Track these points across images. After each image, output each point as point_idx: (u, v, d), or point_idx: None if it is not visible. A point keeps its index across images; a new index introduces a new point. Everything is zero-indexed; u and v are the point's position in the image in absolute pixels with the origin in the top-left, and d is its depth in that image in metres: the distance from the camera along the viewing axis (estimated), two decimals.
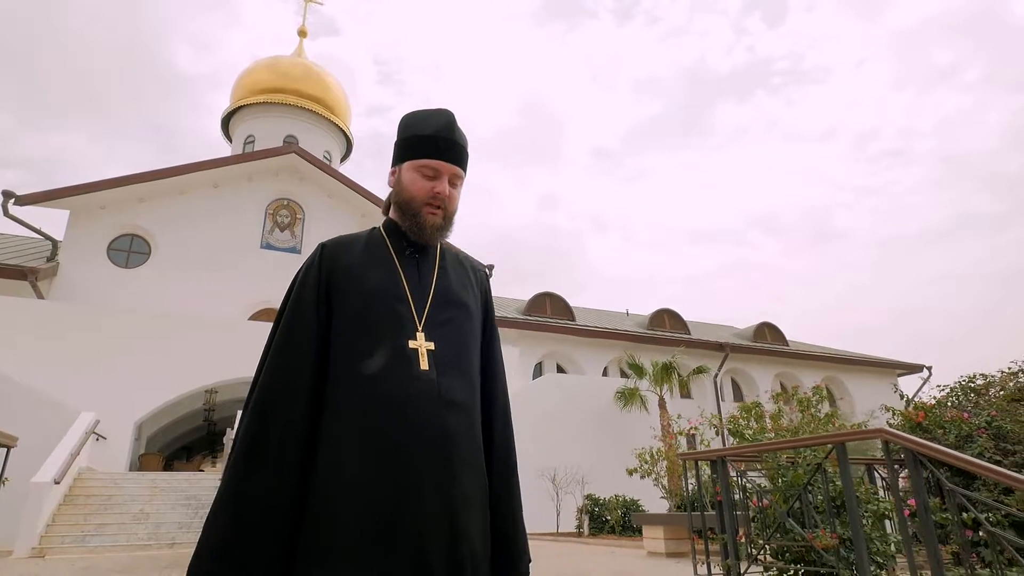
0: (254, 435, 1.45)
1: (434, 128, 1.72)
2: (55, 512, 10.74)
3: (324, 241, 1.74)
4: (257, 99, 24.71)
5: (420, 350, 1.54)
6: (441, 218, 1.70)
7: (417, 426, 1.45)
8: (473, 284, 1.83)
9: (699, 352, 23.45)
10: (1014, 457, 6.06)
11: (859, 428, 9.71)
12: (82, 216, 17.98)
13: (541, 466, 14.21)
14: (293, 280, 1.68)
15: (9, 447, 3.91)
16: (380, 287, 1.62)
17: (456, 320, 1.67)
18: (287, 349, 1.55)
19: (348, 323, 1.57)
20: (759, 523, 5.21)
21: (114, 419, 13.65)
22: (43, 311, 14.73)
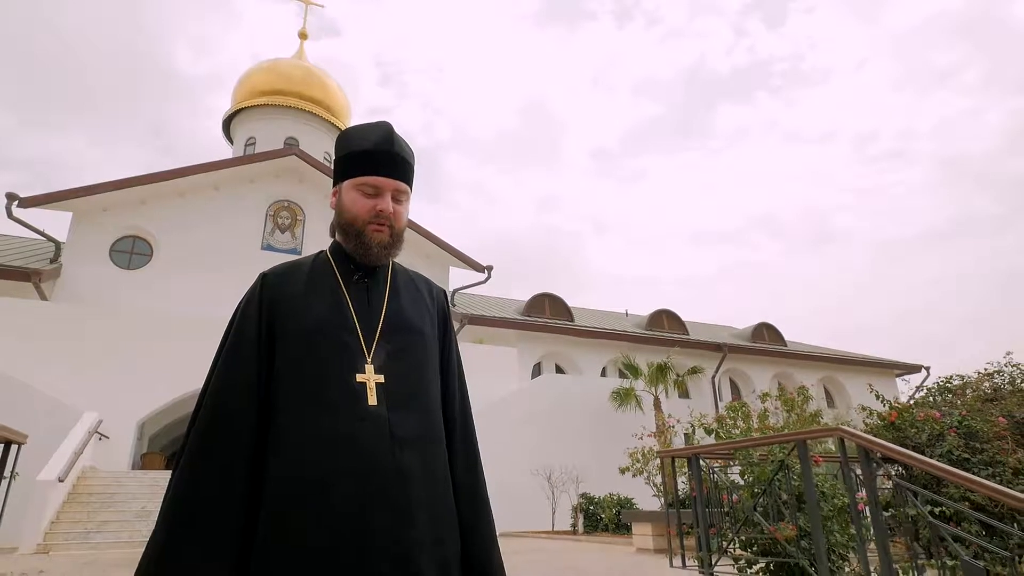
0: (188, 479, 1.40)
1: (372, 142, 1.62)
2: (59, 510, 11.05)
3: (265, 270, 1.67)
4: (258, 101, 25.03)
5: (368, 384, 1.46)
6: (388, 235, 1.61)
7: (366, 469, 1.37)
8: (428, 306, 1.74)
9: (697, 353, 23.74)
10: (982, 455, 6.32)
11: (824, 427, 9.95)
12: (85, 218, 18.27)
13: (537, 465, 14.50)
14: (234, 311, 1.62)
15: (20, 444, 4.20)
16: (325, 317, 1.54)
17: (409, 348, 1.59)
18: (225, 390, 1.47)
19: (291, 358, 1.49)
20: (730, 517, 5.50)
21: (117, 419, 13.98)
22: (46, 312, 15.06)
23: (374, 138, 1.63)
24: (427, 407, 1.55)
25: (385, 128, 1.66)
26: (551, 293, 24.57)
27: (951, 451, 6.36)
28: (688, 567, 5.52)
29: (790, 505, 4.81)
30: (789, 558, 4.70)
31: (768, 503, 5.09)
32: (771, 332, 27.12)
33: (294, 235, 20.87)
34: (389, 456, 1.40)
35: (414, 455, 1.44)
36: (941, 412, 6.95)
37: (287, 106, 24.98)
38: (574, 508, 14.05)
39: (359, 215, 1.59)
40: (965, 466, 6.27)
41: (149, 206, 19.12)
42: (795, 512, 4.78)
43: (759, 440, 5.31)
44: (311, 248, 20.57)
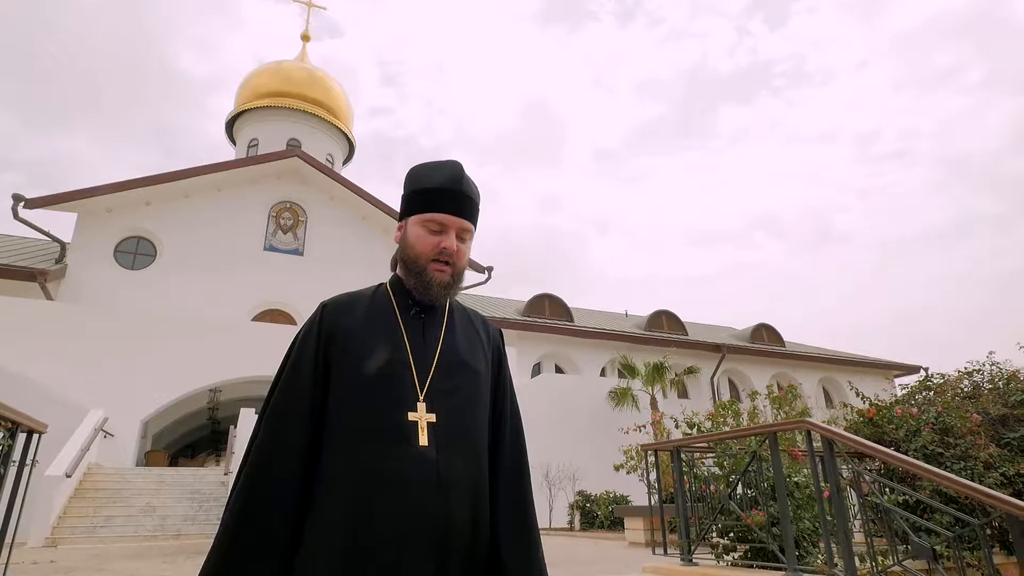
0: (244, 502, 1.43)
1: (441, 180, 1.62)
2: (66, 504, 11.38)
3: (326, 300, 1.68)
4: (261, 103, 25.37)
5: (420, 423, 1.45)
6: (449, 275, 1.60)
7: (411, 512, 1.37)
8: (484, 344, 1.73)
9: (696, 353, 24.02)
10: (954, 450, 6.62)
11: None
12: (90, 219, 18.62)
13: (534, 463, 14.73)
14: (294, 339, 1.63)
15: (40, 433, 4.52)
16: (381, 352, 1.53)
17: (462, 387, 1.57)
18: (282, 418, 1.50)
19: (345, 392, 1.50)
20: (708, 507, 5.81)
21: (121, 417, 14.28)
22: (52, 312, 15.37)
23: (443, 176, 1.63)
24: (476, 449, 1.54)
25: (455, 167, 1.66)
26: (551, 294, 24.88)
27: (925, 446, 6.66)
28: (670, 554, 5.84)
29: (762, 494, 5.13)
30: (761, 544, 5.02)
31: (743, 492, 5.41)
32: (770, 333, 27.40)
33: (296, 236, 21.20)
34: (436, 501, 1.39)
35: (462, 500, 1.44)
36: (919, 409, 7.26)
37: (290, 108, 25.31)
38: (571, 505, 14.36)
39: (423, 252, 1.59)
40: (939, 460, 6.58)
41: (153, 207, 19.47)
42: (767, 500, 5.10)
43: (734, 432, 5.63)
44: (313, 248, 20.94)
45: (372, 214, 21.44)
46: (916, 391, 8.18)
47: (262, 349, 14.34)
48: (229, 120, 26.70)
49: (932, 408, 7.18)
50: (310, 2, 28.41)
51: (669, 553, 5.86)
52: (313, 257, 20.92)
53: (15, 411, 4.05)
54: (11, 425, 4.10)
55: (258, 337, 15.94)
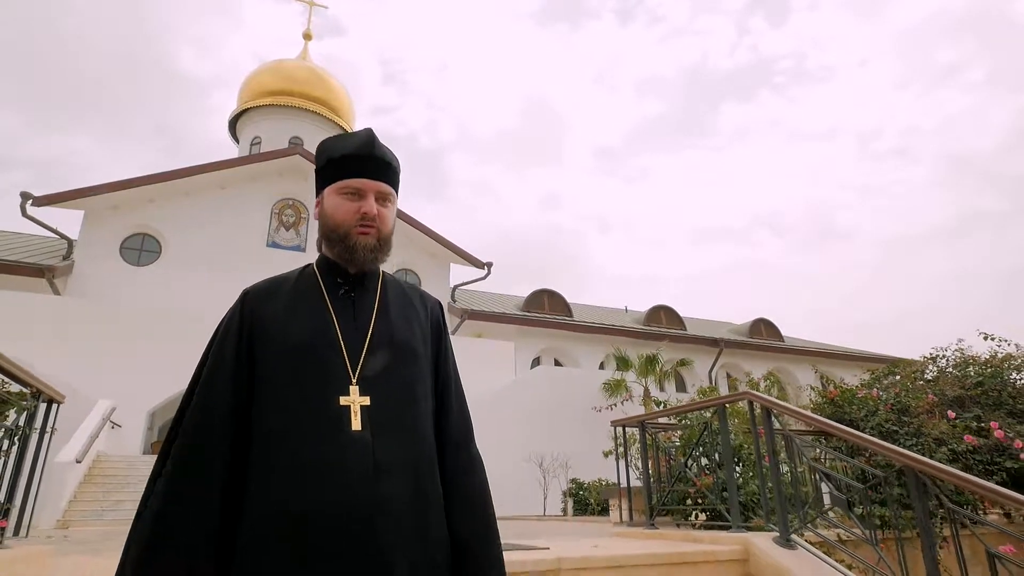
0: (161, 505, 1.38)
1: (353, 146, 1.60)
2: (76, 490, 11.96)
3: (247, 287, 1.65)
4: (263, 101, 25.97)
5: (352, 407, 1.42)
6: (375, 238, 1.58)
7: (343, 499, 1.33)
8: (421, 319, 1.69)
9: (695, 348, 24.53)
10: (908, 428, 7.12)
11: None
12: (96, 216, 19.21)
13: (530, 452, 15.32)
14: (215, 331, 1.61)
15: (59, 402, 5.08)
16: (308, 335, 1.51)
17: (397, 366, 1.54)
18: (205, 411, 1.46)
19: (271, 380, 1.47)
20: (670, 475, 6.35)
21: (128, 408, 14.83)
22: (61, 307, 15.98)
23: (355, 142, 1.61)
24: (416, 429, 1.51)
25: (366, 133, 1.64)
26: (550, 289, 25.41)
27: (881, 424, 7.16)
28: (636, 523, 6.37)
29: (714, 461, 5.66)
30: (712, 507, 5.55)
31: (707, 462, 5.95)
32: (768, 327, 27.87)
33: (298, 232, 21.79)
34: (371, 486, 1.35)
35: (399, 483, 1.40)
36: (879, 391, 7.77)
37: (292, 106, 25.90)
38: (564, 493, 14.88)
39: (344, 219, 1.57)
40: (894, 436, 7.06)
41: (158, 204, 20.06)
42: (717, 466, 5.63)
43: (689, 406, 6.16)
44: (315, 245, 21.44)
45: None
46: (882, 375, 8.68)
47: None
48: (232, 119, 27.31)
49: (892, 390, 7.69)
50: (312, 1, 28.97)
51: (636, 522, 6.40)
52: (315, 253, 20.77)
53: (38, 379, 4.61)
54: (35, 391, 4.67)
55: None
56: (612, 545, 5.06)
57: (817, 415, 4.98)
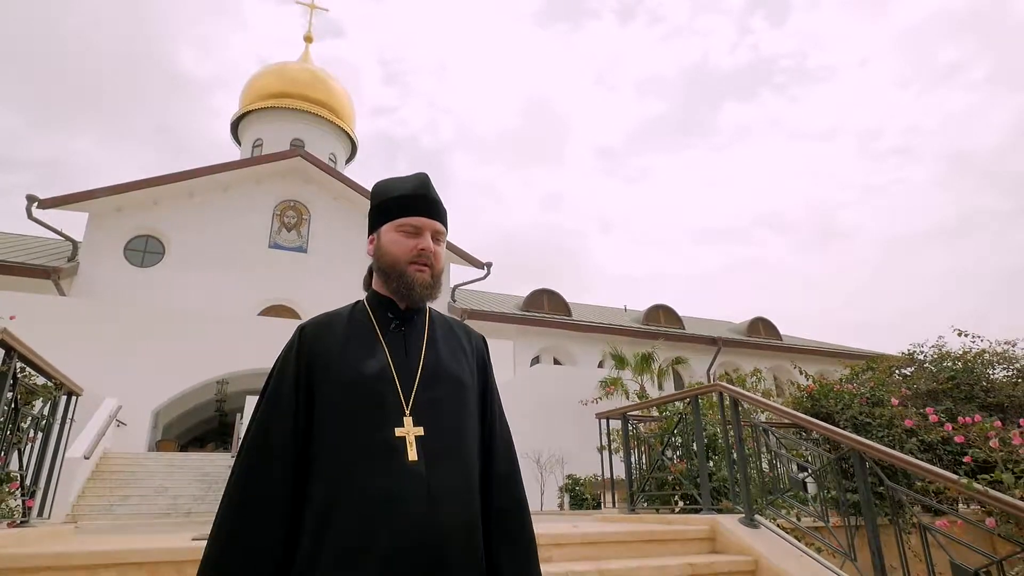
0: (229, 532, 1.45)
1: (410, 187, 1.70)
2: (84, 486, 12.39)
3: (303, 322, 1.70)
4: (265, 104, 26.43)
5: (408, 438, 1.47)
6: (429, 276, 1.65)
7: (404, 528, 1.38)
8: (468, 353, 1.76)
9: (693, 346, 24.94)
10: (881, 419, 7.52)
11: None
12: (100, 218, 19.63)
13: (527, 449, 15.73)
14: (274, 364, 1.65)
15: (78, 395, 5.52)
16: (363, 369, 1.56)
17: (448, 399, 1.60)
18: (264, 447, 1.52)
19: (329, 412, 1.51)
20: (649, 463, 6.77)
21: (133, 407, 15.22)
22: (66, 308, 16.39)
23: (411, 184, 1.71)
24: (466, 460, 1.57)
25: (421, 176, 1.74)
26: (549, 289, 25.81)
27: (855, 416, 7.57)
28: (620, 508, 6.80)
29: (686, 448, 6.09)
30: (687, 492, 5.96)
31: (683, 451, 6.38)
32: (766, 326, 28.25)
33: (300, 234, 22.21)
34: (428, 515, 1.40)
35: (454, 513, 1.46)
36: (856, 385, 8.18)
37: (293, 108, 26.35)
38: (560, 489, 15.30)
39: (401, 255, 1.64)
40: (867, 428, 7.47)
41: (161, 206, 20.49)
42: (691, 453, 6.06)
43: (667, 397, 6.61)
44: (316, 246, 21.94)
45: None
46: (861, 371, 9.09)
47: (267, 342, 15.18)
48: (234, 121, 27.77)
49: (868, 384, 8.10)
50: (312, 4, 29.42)
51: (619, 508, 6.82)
52: (316, 254, 21.93)
53: (60, 372, 5.05)
54: (57, 383, 5.10)
55: (263, 331, 16.88)
56: (590, 526, 5.49)
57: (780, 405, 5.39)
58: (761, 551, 4.61)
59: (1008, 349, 8.80)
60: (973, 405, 8.02)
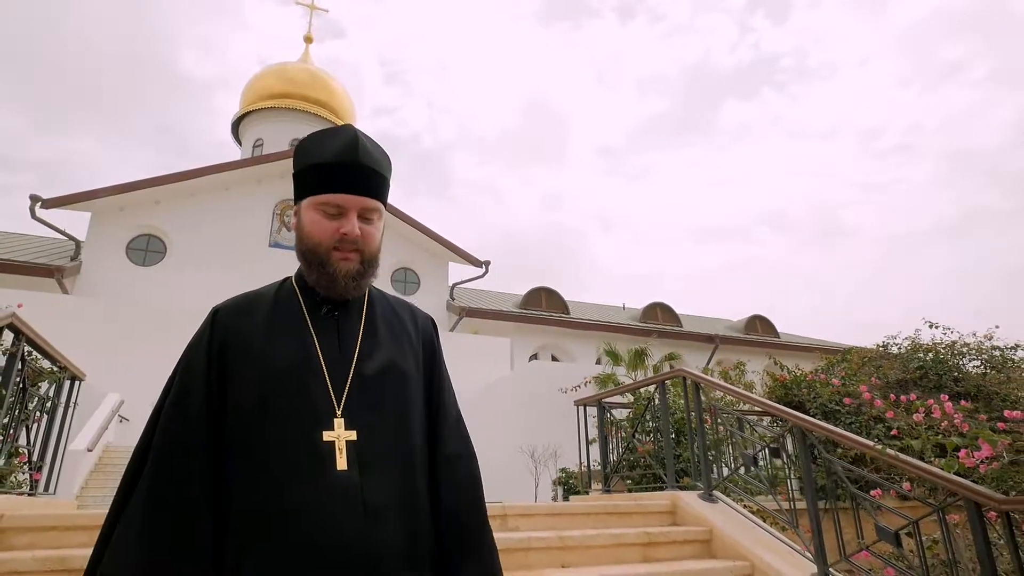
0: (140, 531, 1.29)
1: (332, 153, 1.42)
2: (87, 478, 12.83)
3: (218, 304, 1.50)
4: (265, 104, 26.88)
5: (337, 443, 1.31)
6: (358, 262, 1.44)
7: (334, 549, 1.23)
8: (412, 338, 1.58)
9: (691, 344, 25.31)
10: (850, 407, 7.91)
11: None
12: (102, 218, 20.07)
13: (522, 443, 16.12)
14: (181, 356, 1.48)
15: (81, 380, 5.93)
16: (286, 362, 1.38)
17: (387, 394, 1.44)
18: (168, 455, 1.34)
19: (246, 414, 1.35)
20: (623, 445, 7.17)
21: (135, 403, 15.66)
22: (70, 306, 16.84)
23: (335, 148, 1.43)
24: (409, 465, 1.41)
25: (348, 135, 1.46)
26: (547, 287, 26.19)
27: (825, 404, 7.96)
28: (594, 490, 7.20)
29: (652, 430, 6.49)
30: (649, 469, 6.37)
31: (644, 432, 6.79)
32: (764, 324, 28.59)
33: None
34: (361, 533, 1.26)
35: (393, 527, 1.31)
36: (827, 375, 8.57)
37: (293, 108, 26.79)
38: (554, 482, 15.68)
39: (321, 240, 1.42)
40: (836, 415, 7.86)
41: (163, 206, 20.92)
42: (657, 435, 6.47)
43: (638, 383, 7.02)
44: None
45: None
46: (836, 362, 9.48)
47: None
48: (234, 121, 28.24)
49: (839, 374, 8.49)
50: (312, 5, 29.87)
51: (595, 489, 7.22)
52: None
53: (65, 357, 5.47)
54: (62, 367, 5.52)
55: None
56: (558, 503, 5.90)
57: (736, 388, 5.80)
58: (715, 522, 5.01)
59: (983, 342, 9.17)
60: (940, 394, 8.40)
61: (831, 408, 7.92)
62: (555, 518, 5.07)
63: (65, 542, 3.78)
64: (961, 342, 8.94)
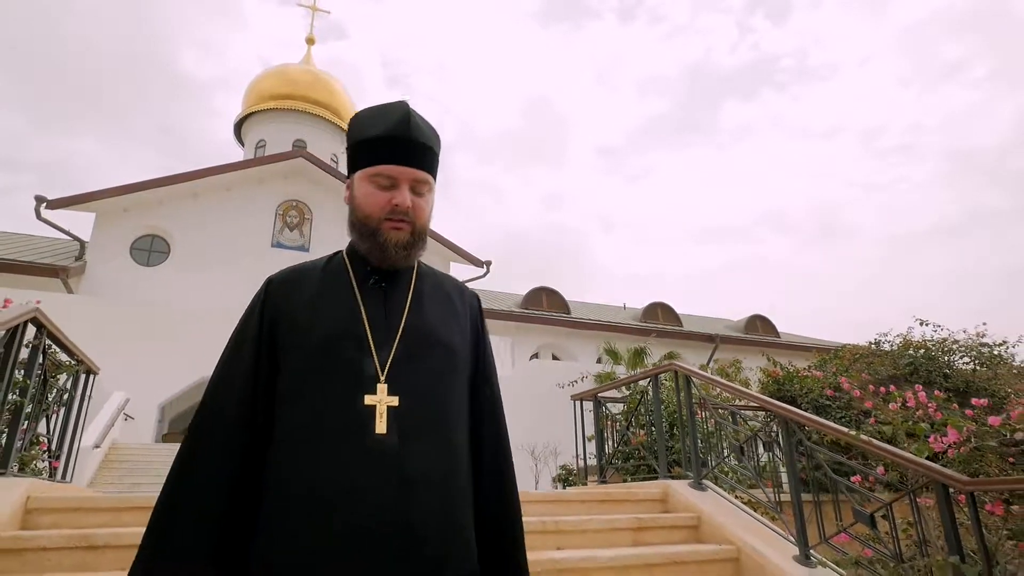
0: (170, 500, 1.36)
1: (385, 127, 1.48)
2: (95, 474, 13.06)
3: (271, 275, 1.58)
4: (267, 105, 27.16)
5: (378, 408, 1.33)
6: (408, 233, 1.48)
7: (367, 515, 1.25)
8: (459, 314, 1.62)
9: (690, 343, 25.55)
10: (839, 402, 8.15)
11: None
12: (107, 218, 20.34)
13: (523, 441, 16.36)
14: (238, 323, 1.56)
15: (95, 373, 6.20)
16: (333, 329, 1.43)
17: (431, 364, 1.46)
18: (218, 412, 1.42)
19: (293, 377, 1.40)
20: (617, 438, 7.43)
21: (140, 401, 15.93)
22: (75, 305, 17.08)
23: (389, 121, 1.49)
24: (448, 432, 1.43)
25: (401, 109, 1.51)
26: (548, 287, 26.44)
27: (816, 399, 8.20)
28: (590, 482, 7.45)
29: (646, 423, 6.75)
30: (643, 460, 6.62)
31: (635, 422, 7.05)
32: (764, 324, 28.82)
33: (302, 233, 22.91)
34: (396, 501, 1.27)
35: (428, 497, 1.32)
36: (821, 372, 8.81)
37: (295, 110, 27.07)
38: (554, 479, 15.93)
39: (373, 211, 1.47)
40: (827, 410, 8.11)
41: (166, 207, 21.18)
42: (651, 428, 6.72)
43: (632, 377, 7.27)
44: (318, 245, 22.60)
45: None
46: (829, 359, 9.72)
47: None
48: (237, 122, 28.52)
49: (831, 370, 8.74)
50: (314, 6, 30.14)
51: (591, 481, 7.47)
52: (318, 253, 21.90)
53: (81, 351, 5.73)
54: (78, 360, 5.79)
55: None
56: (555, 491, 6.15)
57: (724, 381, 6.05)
58: (704, 508, 5.26)
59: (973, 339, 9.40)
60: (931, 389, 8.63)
61: (822, 403, 8.17)
62: (551, 504, 5.32)
63: (87, 522, 4.03)
64: (951, 339, 9.18)
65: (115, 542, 3.66)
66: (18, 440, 4.64)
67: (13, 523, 3.81)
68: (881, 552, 4.14)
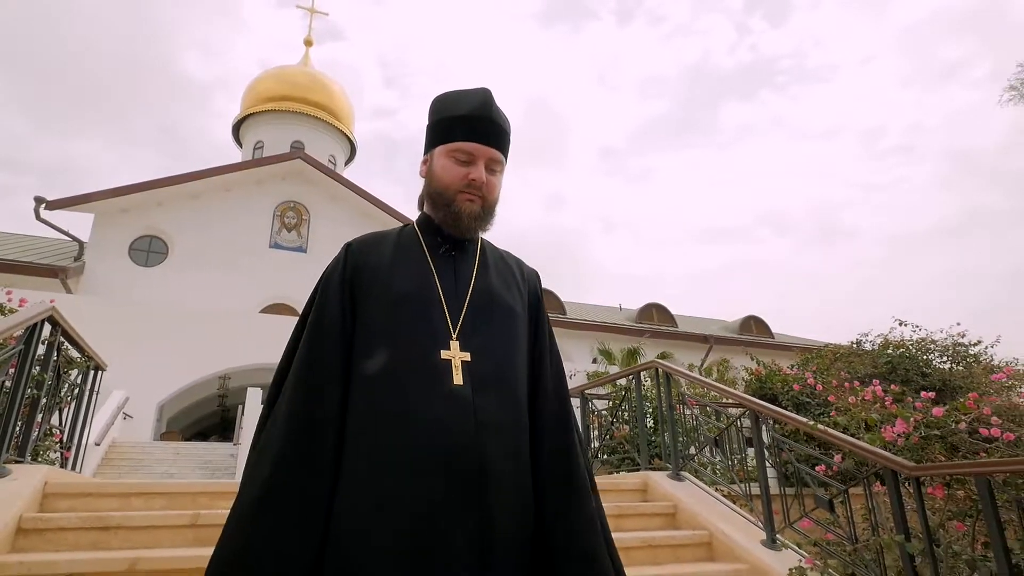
0: (280, 449, 1.38)
1: (468, 108, 1.62)
2: (95, 471, 13.37)
3: (351, 240, 1.67)
4: (266, 107, 27.52)
5: (454, 361, 1.44)
6: (480, 206, 1.60)
7: (447, 454, 1.34)
8: (519, 284, 1.73)
9: (685, 344, 25.90)
10: (818, 399, 8.47)
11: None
12: (106, 219, 20.65)
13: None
14: (319, 281, 1.62)
15: (103, 369, 6.54)
16: (409, 289, 1.54)
17: (497, 326, 1.57)
18: (313, 364, 1.47)
19: (373, 331, 1.49)
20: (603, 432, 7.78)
21: (138, 400, 16.16)
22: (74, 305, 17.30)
23: (471, 103, 1.62)
24: (514, 389, 1.52)
25: (483, 94, 1.65)
26: (544, 288, 26.68)
27: (796, 396, 8.52)
28: None
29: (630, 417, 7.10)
30: (627, 453, 6.97)
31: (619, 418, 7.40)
32: (758, 324, 29.20)
33: (300, 234, 23.22)
34: (473, 442, 1.37)
35: (500, 441, 1.42)
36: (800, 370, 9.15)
37: (293, 111, 27.41)
38: None
39: (451, 183, 1.59)
40: (806, 407, 8.42)
41: (165, 207, 21.49)
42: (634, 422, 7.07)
43: (616, 374, 7.61)
44: (316, 246, 22.91)
45: (372, 212, 23.40)
46: (811, 359, 10.06)
47: (268, 338, 16.10)
48: (235, 123, 28.85)
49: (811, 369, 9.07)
50: (312, 8, 30.48)
51: None
52: (316, 254, 22.87)
53: (90, 348, 6.07)
54: (88, 356, 6.12)
55: (264, 328, 17.71)
56: None
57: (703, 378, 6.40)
58: (680, 498, 5.59)
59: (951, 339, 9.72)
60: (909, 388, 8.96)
61: (802, 400, 8.48)
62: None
63: (99, 506, 4.37)
64: (929, 339, 9.50)
65: (126, 523, 4.00)
66: (34, 431, 4.99)
67: (33, 506, 4.15)
68: (839, 535, 4.48)
